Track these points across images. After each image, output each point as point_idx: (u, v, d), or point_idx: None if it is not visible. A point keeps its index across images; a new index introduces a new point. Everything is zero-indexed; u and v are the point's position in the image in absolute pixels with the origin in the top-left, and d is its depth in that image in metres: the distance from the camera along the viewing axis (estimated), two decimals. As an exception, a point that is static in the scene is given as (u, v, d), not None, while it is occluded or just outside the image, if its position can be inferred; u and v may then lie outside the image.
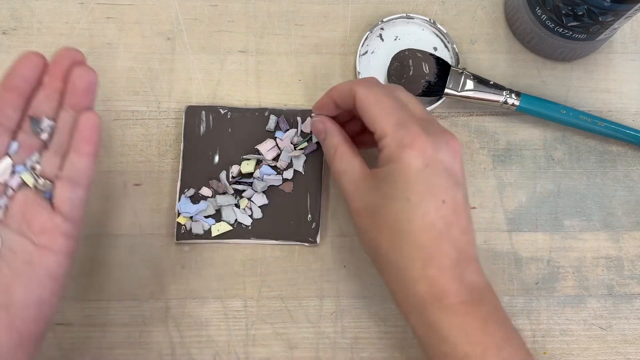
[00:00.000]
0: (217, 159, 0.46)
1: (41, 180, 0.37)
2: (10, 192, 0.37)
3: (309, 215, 0.45)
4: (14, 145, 0.37)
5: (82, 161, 0.37)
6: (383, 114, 0.37)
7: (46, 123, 0.37)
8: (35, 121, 0.37)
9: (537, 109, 0.46)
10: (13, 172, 0.37)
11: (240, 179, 0.46)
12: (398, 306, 0.38)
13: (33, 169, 0.37)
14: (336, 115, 0.43)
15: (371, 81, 0.40)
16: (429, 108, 0.47)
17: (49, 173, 0.37)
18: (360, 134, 0.44)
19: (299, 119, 0.47)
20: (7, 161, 0.37)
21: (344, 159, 0.40)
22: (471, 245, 0.37)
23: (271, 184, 0.45)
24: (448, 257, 0.36)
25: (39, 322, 0.36)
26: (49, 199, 0.37)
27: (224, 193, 0.46)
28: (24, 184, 0.37)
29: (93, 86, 0.37)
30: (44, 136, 0.37)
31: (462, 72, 0.46)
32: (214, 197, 0.45)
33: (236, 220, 0.45)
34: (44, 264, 0.36)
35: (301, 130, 0.46)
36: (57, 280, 0.36)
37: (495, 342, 0.35)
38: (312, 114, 0.44)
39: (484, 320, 0.35)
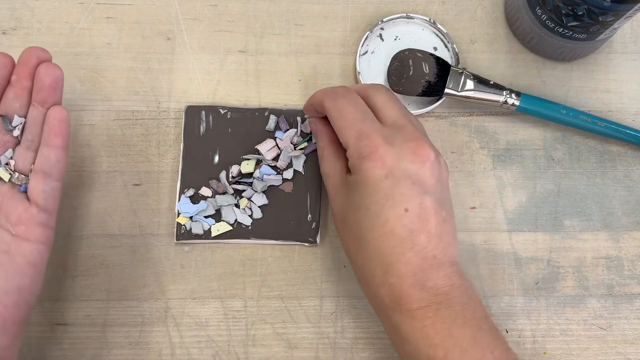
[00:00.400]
0: (217, 159, 0.46)
1: (16, 175, 0.39)
2: None
3: (309, 215, 0.45)
4: None
5: (53, 154, 0.39)
6: (346, 125, 0.38)
7: (17, 120, 0.39)
8: (7, 119, 0.39)
9: (537, 109, 0.46)
10: None
11: (240, 179, 0.46)
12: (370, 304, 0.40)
13: (7, 164, 0.39)
14: None
15: (337, 92, 0.40)
16: (428, 108, 0.47)
17: (23, 167, 0.39)
18: None
19: (298, 119, 0.47)
20: None
21: (328, 161, 0.41)
22: (443, 249, 0.37)
23: (271, 184, 0.45)
24: (410, 264, 0.36)
25: (20, 308, 0.37)
26: (25, 192, 0.39)
27: (224, 193, 0.46)
28: None
29: (59, 82, 0.39)
30: (16, 133, 0.39)
31: (462, 72, 0.46)
32: (214, 197, 0.45)
33: (236, 220, 0.45)
34: (22, 253, 0.37)
35: (301, 130, 0.46)
36: (37, 267, 0.38)
37: (459, 345, 0.35)
38: (305, 115, 0.46)
39: (449, 323, 0.35)
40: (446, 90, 0.46)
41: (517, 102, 0.46)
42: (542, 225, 0.47)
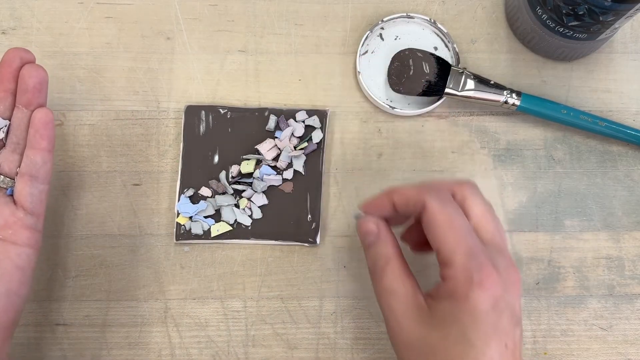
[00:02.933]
0: (216, 159, 0.46)
1: (1, 178, 0.39)
2: None
3: (309, 215, 0.45)
4: None
5: (39, 156, 0.38)
6: (454, 239, 0.34)
7: (1, 123, 0.39)
8: None
9: (538, 109, 0.46)
10: None
11: (240, 179, 0.46)
12: None
13: None
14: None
15: (443, 193, 0.36)
16: (429, 108, 0.47)
17: (9, 170, 0.39)
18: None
19: (291, 120, 0.46)
20: None
21: (396, 276, 0.36)
22: None
23: (271, 184, 0.45)
24: None
25: (8, 312, 0.37)
26: (11, 195, 0.39)
27: (224, 193, 0.45)
28: None
29: (43, 83, 0.39)
30: (1, 135, 0.39)
31: (462, 72, 0.46)
32: (214, 197, 0.45)
33: (236, 220, 0.45)
34: (9, 257, 0.37)
35: (292, 134, 0.46)
36: (25, 271, 0.38)
37: None
38: (359, 210, 0.39)
39: None
40: (446, 90, 0.46)
41: (517, 102, 0.46)
42: (543, 225, 0.47)
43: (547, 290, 0.46)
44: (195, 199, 0.45)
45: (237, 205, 0.45)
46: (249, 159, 0.46)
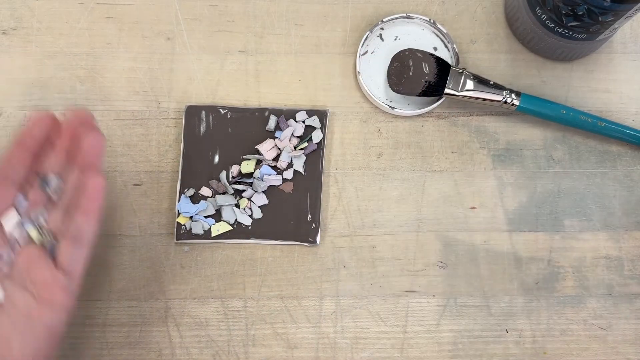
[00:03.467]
0: (217, 158, 0.46)
1: (46, 237, 0.38)
2: (16, 247, 0.38)
3: (309, 215, 0.45)
4: (23, 201, 0.38)
5: (86, 221, 0.37)
6: None
7: (54, 181, 0.39)
8: (44, 179, 0.38)
9: (537, 109, 0.46)
10: (20, 227, 0.38)
11: (240, 179, 0.46)
12: None
13: (39, 225, 0.38)
14: None
15: None
16: (428, 108, 0.47)
17: (54, 230, 0.38)
18: None
19: (292, 120, 0.46)
20: (14, 215, 0.38)
21: None
22: None
23: (271, 184, 0.45)
24: None
25: None
26: (52, 254, 0.38)
27: (224, 193, 0.46)
28: (29, 238, 0.38)
29: (101, 149, 0.38)
30: (51, 193, 0.39)
31: (462, 72, 0.46)
32: (214, 197, 0.45)
33: (236, 220, 0.45)
34: (42, 319, 0.36)
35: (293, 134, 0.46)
36: (55, 334, 0.37)
37: None
38: None
39: None
40: (446, 90, 0.46)
41: (517, 102, 0.46)
42: (543, 225, 0.47)
43: (547, 290, 0.46)
44: (195, 198, 0.45)
45: (237, 205, 0.45)
46: (249, 159, 0.46)
